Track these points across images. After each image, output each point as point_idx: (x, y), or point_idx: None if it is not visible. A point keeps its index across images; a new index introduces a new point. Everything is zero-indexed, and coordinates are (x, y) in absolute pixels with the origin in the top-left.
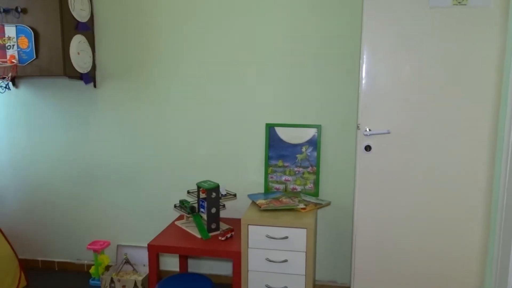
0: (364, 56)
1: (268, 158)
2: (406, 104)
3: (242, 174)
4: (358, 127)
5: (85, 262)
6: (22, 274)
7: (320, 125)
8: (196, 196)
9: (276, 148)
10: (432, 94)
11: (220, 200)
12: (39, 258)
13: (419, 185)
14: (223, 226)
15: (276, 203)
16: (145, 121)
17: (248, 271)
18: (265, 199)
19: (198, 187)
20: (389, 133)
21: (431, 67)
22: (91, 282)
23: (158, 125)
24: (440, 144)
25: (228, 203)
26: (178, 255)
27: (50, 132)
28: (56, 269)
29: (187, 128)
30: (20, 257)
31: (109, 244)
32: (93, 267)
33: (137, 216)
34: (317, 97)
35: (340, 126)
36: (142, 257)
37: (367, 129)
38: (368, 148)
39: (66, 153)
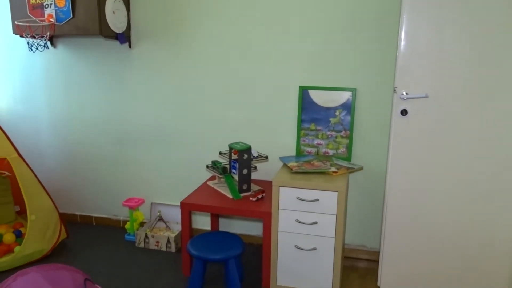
0: (404, 16)
1: (300, 121)
2: (447, 67)
3: (274, 137)
4: (394, 90)
5: (121, 218)
6: (62, 227)
7: (355, 89)
8: (228, 157)
9: (309, 111)
10: (476, 58)
11: (252, 162)
12: (78, 213)
13: (456, 153)
14: (254, 188)
15: (308, 166)
16: (179, 82)
17: (278, 231)
18: (296, 162)
19: (230, 148)
20: (427, 97)
21: (477, 28)
22: (127, 237)
23: (192, 86)
24: (481, 111)
25: (259, 165)
26: (209, 214)
27: (86, 92)
28: (94, 223)
29: (221, 90)
30: (60, 211)
31: (143, 201)
32: (128, 223)
33: (170, 175)
34: (352, 59)
35: (376, 90)
36: (174, 215)
37: (404, 93)
38: (404, 112)
39: (102, 113)
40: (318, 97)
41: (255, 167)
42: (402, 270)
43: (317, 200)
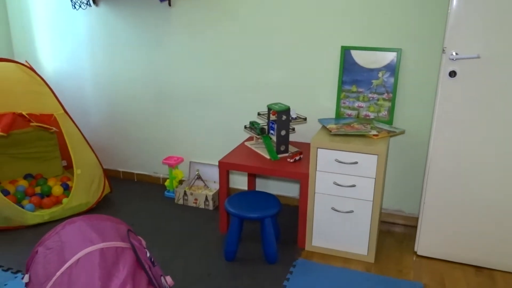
0: None
1: (341, 83)
2: (503, 26)
3: (313, 98)
4: (443, 50)
5: (161, 175)
6: (106, 182)
7: (400, 49)
8: (266, 118)
9: (350, 73)
10: None
11: (290, 123)
12: (120, 169)
13: (506, 119)
14: (292, 149)
15: (348, 128)
16: (219, 42)
17: (315, 193)
18: (335, 124)
19: (269, 109)
20: (478, 57)
21: None
22: (166, 193)
23: (231, 46)
24: None
25: (297, 127)
26: (246, 174)
27: (128, 50)
28: (135, 180)
29: (261, 50)
30: (104, 167)
31: (182, 160)
32: (168, 180)
33: (208, 135)
34: (398, 18)
35: (423, 50)
36: (212, 174)
37: (454, 53)
38: (453, 74)
39: (143, 71)
40: (360, 58)
41: (293, 129)
42: (440, 236)
43: (356, 163)
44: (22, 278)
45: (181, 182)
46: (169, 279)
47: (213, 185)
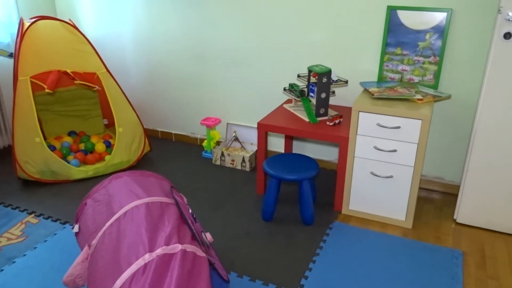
0: None
1: (385, 45)
2: None
3: (355, 61)
4: (499, 10)
5: (198, 136)
6: (147, 141)
7: (451, 9)
8: (306, 80)
9: (395, 34)
10: None
11: (331, 86)
12: (159, 129)
13: None
14: (331, 112)
15: (391, 92)
16: (260, 2)
17: (354, 157)
18: (378, 88)
19: (309, 71)
20: None
21: None
22: (204, 154)
23: (272, 6)
24: None
25: (337, 90)
26: (284, 136)
27: (168, 11)
28: (173, 140)
29: (302, 11)
30: (143, 126)
31: (220, 121)
32: (205, 141)
33: (246, 97)
34: None
35: (475, 10)
36: (249, 136)
37: (511, 13)
38: (508, 36)
39: (183, 32)
40: (407, 18)
41: (333, 92)
42: (481, 204)
43: (398, 127)
44: (72, 228)
45: (218, 143)
46: (208, 235)
47: (249, 147)
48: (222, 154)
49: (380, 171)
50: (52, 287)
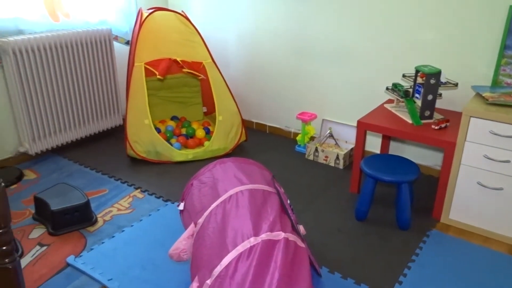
0: None
1: (503, 47)
2: None
3: (467, 63)
4: None
5: (292, 130)
6: (243, 130)
7: None
8: (412, 80)
9: None
10: None
11: (438, 88)
12: (254, 120)
13: None
14: (437, 116)
15: (508, 98)
16: None
17: (460, 164)
18: (492, 93)
19: (417, 71)
20: None
21: None
22: (297, 148)
23: (382, 2)
24: None
25: (445, 93)
26: (381, 136)
27: (273, 3)
28: (267, 132)
29: (414, 8)
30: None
31: (316, 116)
32: (299, 135)
33: (345, 94)
34: None
35: None
36: (344, 134)
37: None
38: None
39: (285, 25)
40: None
41: (440, 94)
42: None
43: None
44: (178, 206)
45: (312, 138)
46: (302, 228)
47: (344, 144)
48: (316, 150)
49: (488, 182)
50: (156, 257)
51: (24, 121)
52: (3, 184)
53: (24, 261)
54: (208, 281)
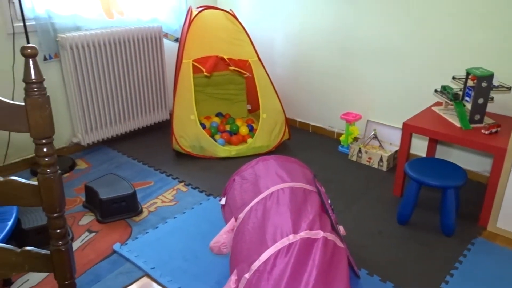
0: None
1: None
2: None
3: None
4: None
5: (335, 130)
6: (287, 129)
7: None
8: (462, 83)
9: None
10: None
11: (490, 92)
12: (297, 119)
13: None
14: (487, 120)
15: None
16: None
17: (510, 171)
18: None
19: (467, 74)
20: None
21: None
22: (340, 148)
23: (434, 1)
24: None
25: (497, 96)
26: (427, 139)
27: (321, 2)
28: (310, 131)
29: (468, 7)
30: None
31: (360, 117)
32: (343, 136)
33: (391, 95)
34: None
35: None
36: (389, 136)
37: None
38: None
39: (332, 24)
40: None
41: (492, 98)
42: None
43: None
44: (220, 200)
45: (355, 139)
46: (341, 228)
47: (388, 146)
48: (360, 151)
49: None
50: (197, 249)
51: (78, 113)
52: (59, 171)
53: (74, 246)
54: (247, 275)
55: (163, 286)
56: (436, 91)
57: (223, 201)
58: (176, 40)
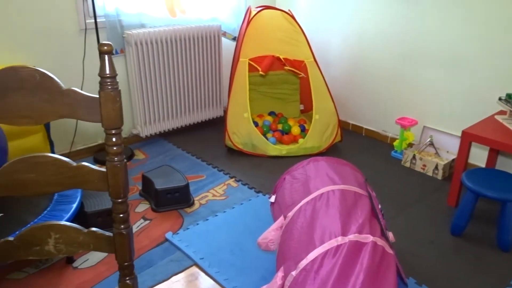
0: None
1: None
2: None
3: None
4: None
5: (389, 134)
6: (339, 131)
7: None
8: None
9: None
10: None
11: None
12: (350, 122)
13: None
14: None
15: None
16: (489, 1)
17: None
18: None
19: None
20: None
21: None
22: (393, 153)
23: (495, 4)
24: None
25: None
26: (487, 150)
27: (381, 5)
28: (363, 134)
29: None
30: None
31: (416, 123)
32: (397, 141)
33: (450, 101)
34: None
35: None
36: (446, 143)
37: None
38: None
39: (392, 28)
40: None
41: None
42: None
43: None
44: (269, 198)
45: (410, 145)
46: (391, 235)
47: (445, 154)
48: (414, 157)
49: None
50: (244, 243)
51: (139, 106)
52: (125, 160)
53: None
54: (293, 273)
55: (211, 276)
56: (500, 99)
57: (272, 199)
58: (234, 39)
